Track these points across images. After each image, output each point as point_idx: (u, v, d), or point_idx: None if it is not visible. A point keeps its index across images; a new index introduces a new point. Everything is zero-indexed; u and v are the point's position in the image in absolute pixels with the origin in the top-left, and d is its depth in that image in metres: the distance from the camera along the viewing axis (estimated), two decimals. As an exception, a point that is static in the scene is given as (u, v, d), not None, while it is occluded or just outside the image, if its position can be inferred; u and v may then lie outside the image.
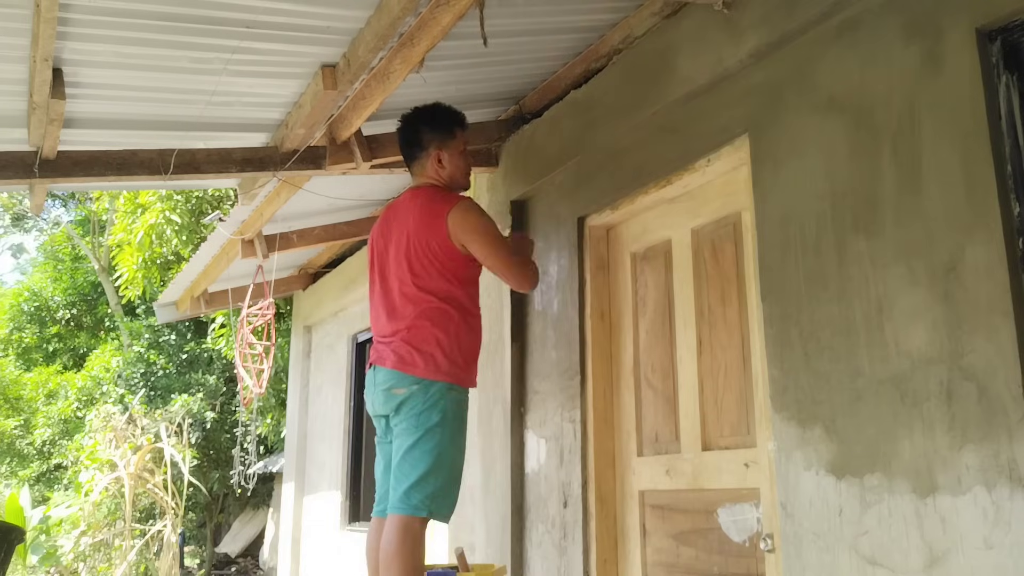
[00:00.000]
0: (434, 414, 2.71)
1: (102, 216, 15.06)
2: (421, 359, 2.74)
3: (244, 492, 9.59)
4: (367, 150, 3.47)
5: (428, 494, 2.65)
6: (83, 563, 7.66)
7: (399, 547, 2.61)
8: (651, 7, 2.91)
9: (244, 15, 2.52)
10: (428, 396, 2.72)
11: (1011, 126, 1.97)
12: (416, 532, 2.64)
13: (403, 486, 2.67)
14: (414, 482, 2.65)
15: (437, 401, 2.72)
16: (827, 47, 2.35)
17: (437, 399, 2.72)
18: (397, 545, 2.61)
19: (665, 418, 3.02)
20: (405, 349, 2.77)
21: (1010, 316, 1.84)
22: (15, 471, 14.24)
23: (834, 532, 2.16)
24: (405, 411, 2.74)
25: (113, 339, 14.65)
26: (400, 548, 2.60)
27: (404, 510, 2.64)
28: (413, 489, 2.65)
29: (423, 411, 2.71)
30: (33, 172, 3.13)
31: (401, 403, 2.74)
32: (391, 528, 2.65)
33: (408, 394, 2.73)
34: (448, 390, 2.75)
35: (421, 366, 2.74)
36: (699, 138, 2.78)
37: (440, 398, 2.73)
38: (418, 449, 2.68)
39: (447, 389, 2.75)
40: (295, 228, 4.95)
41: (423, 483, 2.65)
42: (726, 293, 2.83)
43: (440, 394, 2.73)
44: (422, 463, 2.66)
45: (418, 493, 2.64)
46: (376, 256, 2.98)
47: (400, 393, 2.74)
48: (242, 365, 5.81)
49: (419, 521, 2.65)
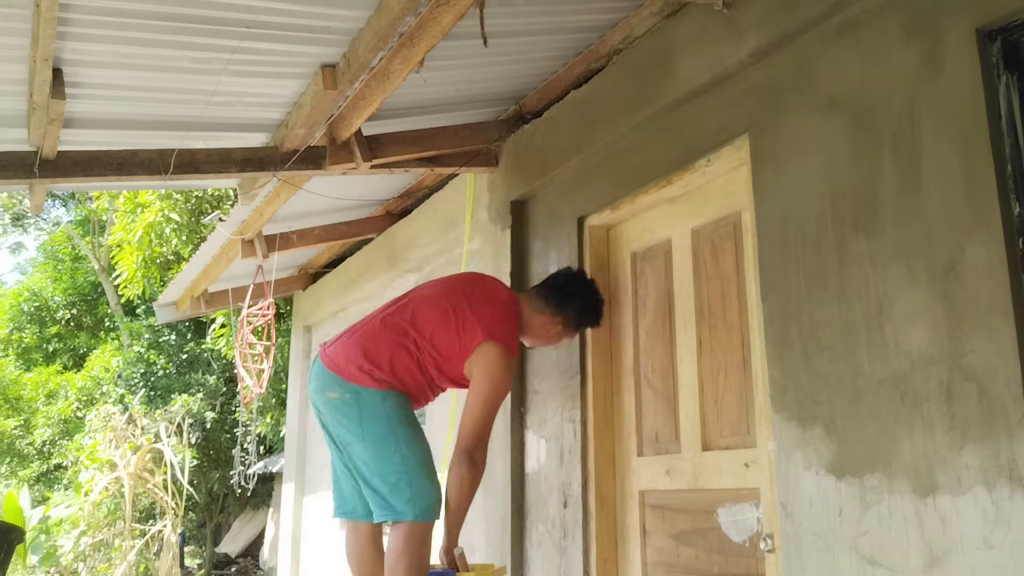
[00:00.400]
0: (378, 422, 2.66)
1: (102, 216, 15.07)
2: (355, 367, 2.71)
3: (244, 492, 9.59)
4: (367, 150, 3.47)
5: (408, 498, 2.62)
6: (83, 563, 7.66)
7: (403, 551, 2.59)
8: (651, 7, 2.91)
9: (244, 15, 2.52)
10: (363, 404, 2.68)
11: (1011, 126, 1.97)
12: (421, 535, 2.62)
13: (381, 495, 2.64)
14: (390, 490, 2.62)
15: (374, 408, 2.67)
16: (827, 47, 2.35)
17: (374, 407, 2.68)
18: (401, 548, 2.59)
19: (665, 418, 3.02)
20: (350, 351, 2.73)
21: (1010, 316, 1.84)
22: (15, 471, 14.25)
23: (834, 532, 2.16)
24: (344, 417, 2.69)
25: (113, 339, 14.65)
26: (405, 552, 2.58)
27: (400, 517, 2.62)
28: (393, 497, 2.62)
29: (363, 419, 2.66)
30: (33, 172, 3.13)
31: (336, 407, 2.71)
32: (394, 536, 2.63)
33: (341, 400, 2.70)
34: (384, 397, 2.70)
35: (354, 373, 2.70)
36: (699, 138, 2.78)
37: (376, 406, 2.68)
38: (377, 459, 2.64)
39: (383, 397, 2.70)
40: (295, 228, 4.95)
41: (399, 490, 2.62)
42: (726, 293, 2.83)
43: (376, 401, 2.68)
44: (388, 470, 2.63)
45: (399, 499, 2.62)
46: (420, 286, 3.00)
47: (333, 397, 2.71)
48: (242, 365, 5.81)
49: (420, 526, 2.63)
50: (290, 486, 6.83)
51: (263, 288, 5.60)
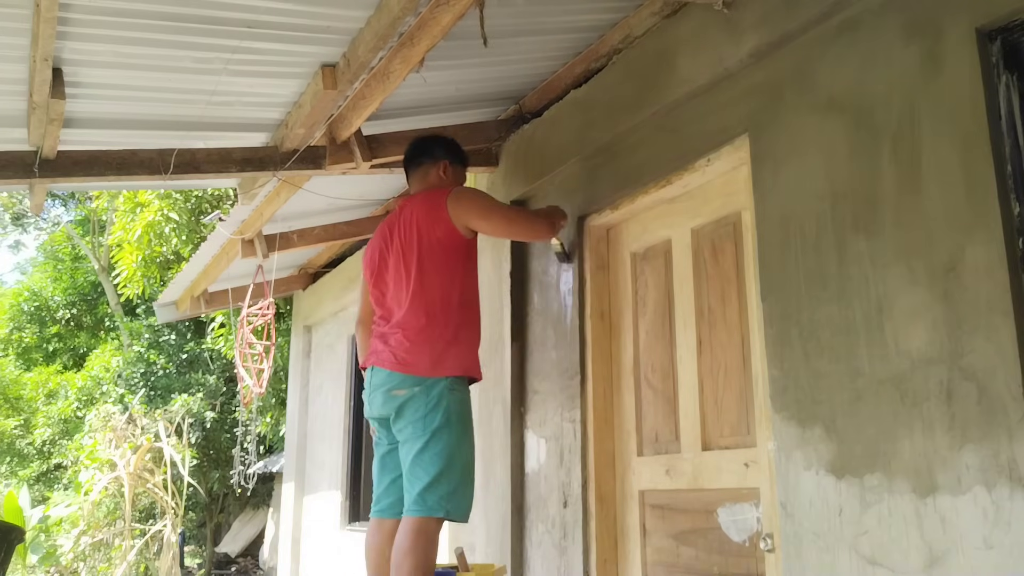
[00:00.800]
0: (438, 415, 2.69)
1: (102, 216, 15.07)
2: (422, 358, 2.74)
3: (244, 492, 9.59)
4: (367, 150, 3.47)
5: (443, 495, 2.64)
6: (83, 563, 7.66)
7: (412, 546, 2.59)
8: (651, 7, 2.91)
9: (244, 15, 2.52)
10: (430, 397, 2.71)
11: (1011, 126, 1.97)
12: (430, 533, 2.63)
13: (416, 488, 2.66)
14: (428, 483, 2.64)
15: (439, 401, 2.71)
16: (827, 47, 2.35)
17: (439, 399, 2.71)
18: (411, 544, 2.59)
19: (665, 418, 3.02)
20: (405, 348, 2.76)
21: (1010, 316, 1.84)
22: (15, 471, 14.25)
23: (834, 532, 2.16)
24: (409, 414, 2.72)
25: (113, 339, 14.65)
26: (414, 547, 2.59)
27: (420, 511, 2.63)
28: (427, 491, 2.63)
29: (427, 413, 2.69)
30: (33, 172, 3.13)
31: (403, 405, 2.73)
32: (405, 529, 2.63)
33: (410, 395, 2.72)
34: (450, 389, 2.74)
35: (423, 365, 2.73)
36: (699, 138, 2.78)
37: (442, 398, 2.71)
38: (428, 452, 2.67)
39: (449, 388, 2.73)
40: (295, 228, 4.95)
41: (437, 484, 2.64)
42: (726, 293, 2.83)
43: (442, 394, 2.72)
44: (433, 466, 2.65)
45: (433, 494, 2.63)
46: (376, 261, 2.98)
47: (401, 395, 2.73)
48: (242, 365, 5.81)
49: (434, 522, 2.64)
50: (290, 486, 6.83)
51: (263, 288, 5.60)
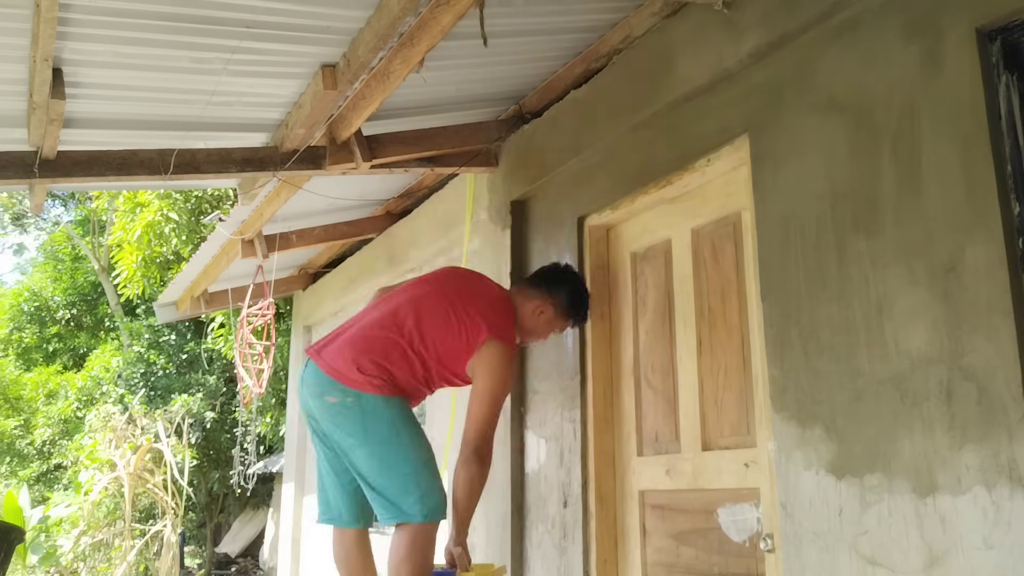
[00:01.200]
0: (381, 425, 2.61)
1: (102, 216, 15.07)
2: (356, 371, 2.63)
3: (244, 492, 9.59)
4: (367, 150, 3.47)
5: (417, 499, 2.58)
6: (83, 563, 7.66)
7: (408, 553, 2.55)
8: (651, 7, 2.91)
9: (244, 15, 2.52)
10: (365, 409, 2.61)
11: (1011, 126, 1.97)
12: (426, 537, 2.59)
13: (388, 500, 2.59)
14: (397, 494, 2.58)
15: (377, 411, 2.62)
16: (827, 47, 2.35)
17: (377, 410, 2.62)
18: (407, 551, 2.55)
19: (665, 418, 3.02)
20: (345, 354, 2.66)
21: (1010, 316, 1.84)
22: (15, 471, 14.25)
23: (834, 532, 2.16)
24: (346, 423, 2.62)
25: (113, 339, 14.66)
26: (409, 555, 2.55)
27: (404, 519, 2.58)
28: (400, 500, 2.58)
29: (367, 423, 2.60)
30: (33, 172, 3.13)
31: (337, 413, 2.64)
32: (398, 537, 2.59)
33: (342, 404, 2.62)
34: (386, 401, 2.64)
35: (358, 380, 2.62)
36: (699, 138, 2.78)
37: (379, 407, 2.62)
38: (382, 464, 2.59)
39: (385, 402, 2.64)
40: (295, 228, 4.95)
41: (407, 492, 2.58)
42: (726, 293, 2.83)
43: (379, 404, 2.62)
44: (394, 474, 2.59)
45: (407, 501, 2.58)
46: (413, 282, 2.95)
47: (333, 402, 2.64)
48: (242, 365, 5.81)
49: (425, 526, 2.59)
50: (290, 486, 6.83)
51: (263, 288, 5.60)
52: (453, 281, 2.94)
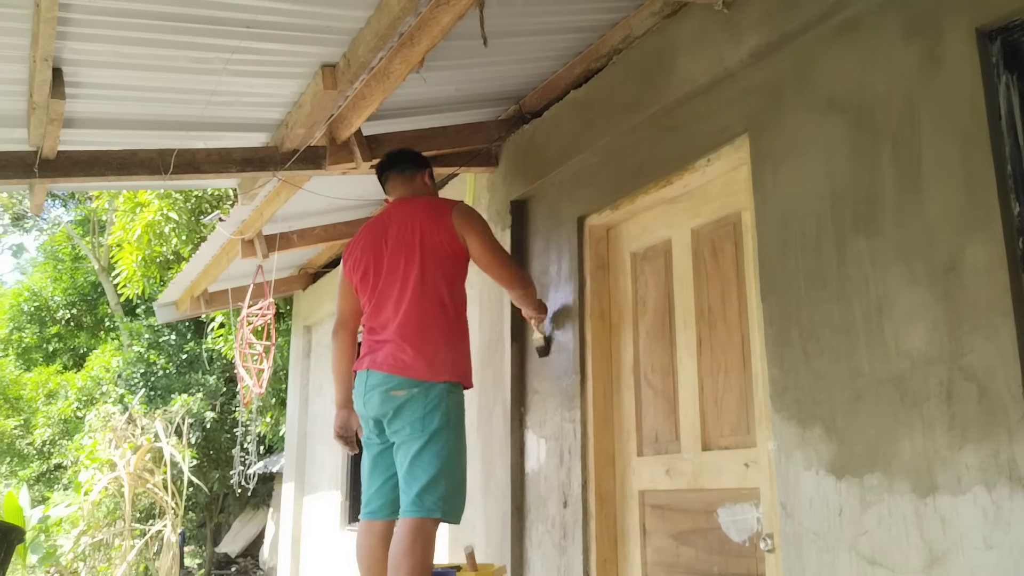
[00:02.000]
0: (437, 417, 2.71)
1: (102, 216, 15.07)
2: (422, 361, 2.75)
3: (244, 492, 9.59)
4: (367, 150, 3.47)
5: (440, 496, 2.66)
6: (83, 563, 7.66)
7: (410, 548, 2.60)
8: (651, 7, 2.91)
9: (244, 15, 2.52)
10: (429, 399, 2.72)
11: (1011, 126, 1.97)
12: (428, 534, 2.64)
13: (414, 490, 2.67)
14: (425, 485, 2.65)
15: (439, 404, 2.73)
16: (827, 47, 2.35)
17: (438, 401, 2.73)
18: (409, 546, 2.60)
19: (665, 418, 3.02)
20: (404, 350, 2.77)
21: (1010, 316, 1.84)
22: (15, 471, 14.25)
23: (834, 532, 2.16)
24: (406, 415, 2.73)
25: (113, 339, 14.65)
26: (411, 549, 2.60)
27: (417, 512, 2.64)
28: (425, 492, 2.65)
29: (426, 414, 2.71)
30: (33, 172, 3.13)
31: (400, 406, 2.73)
32: (403, 530, 2.64)
33: (408, 397, 2.73)
34: (448, 392, 2.76)
35: (422, 368, 2.74)
36: (699, 138, 2.78)
37: (441, 400, 2.73)
38: (426, 452, 2.68)
39: (447, 391, 2.76)
40: (295, 228, 4.95)
41: (434, 486, 2.66)
42: (726, 293, 2.83)
43: (441, 396, 2.74)
44: (432, 466, 2.67)
45: (430, 496, 2.65)
46: (369, 262, 2.98)
47: (399, 395, 2.73)
48: (242, 365, 5.81)
49: (431, 523, 2.65)
50: (290, 486, 6.83)
51: (263, 288, 5.60)
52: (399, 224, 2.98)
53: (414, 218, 2.93)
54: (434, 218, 2.92)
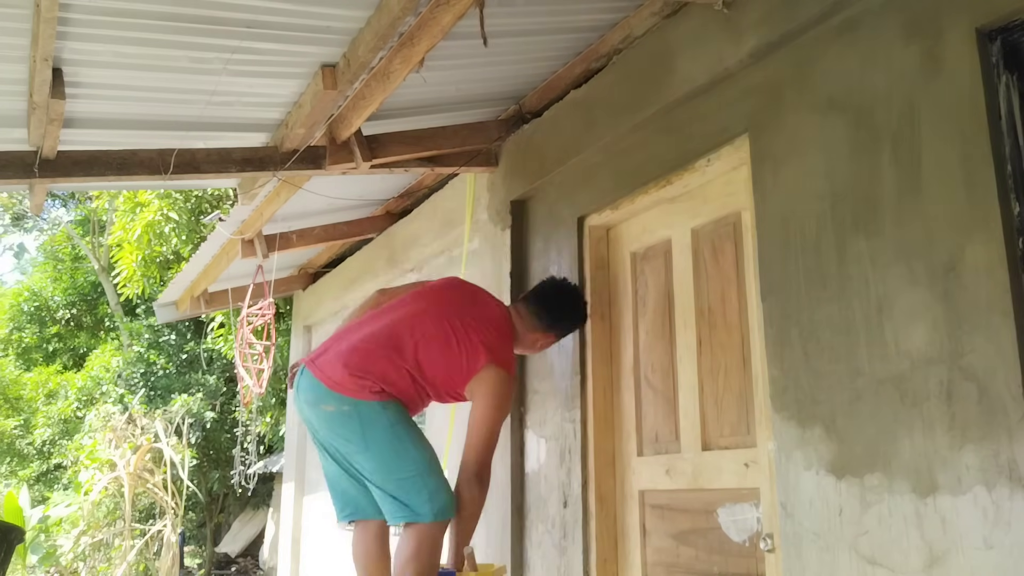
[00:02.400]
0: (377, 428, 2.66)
1: (102, 216, 15.07)
2: (349, 382, 2.67)
3: (244, 492, 9.59)
4: (367, 150, 3.47)
5: (426, 499, 2.63)
6: (83, 563, 7.66)
7: (415, 552, 2.59)
8: (651, 7, 2.91)
9: (244, 15, 2.52)
10: (363, 415, 2.66)
11: (1011, 126, 1.97)
12: (434, 536, 2.63)
13: (396, 501, 2.64)
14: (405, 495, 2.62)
15: (375, 417, 2.66)
16: (827, 47, 2.35)
17: (374, 415, 2.66)
18: (414, 551, 2.59)
19: (665, 418, 3.02)
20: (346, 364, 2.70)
21: (1010, 316, 1.84)
22: (15, 471, 14.24)
23: (834, 532, 2.16)
24: (345, 430, 2.67)
25: (113, 339, 14.65)
26: (416, 553, 2.59)
27: (412, 518, 2.62)
28: (409, 500, 2.63)
29: (364, 430, 2.65)
30: (33, 172, 3.13)
31: (333, 420, 2.68)
32: (407, 536, 2.63)
33: (339, 412, 2.67)
34: (384, 407, 2.69)
35: (354, 388, 2.67)
36: (699, 138, 2.78)
37: (376, 413, 2.67)
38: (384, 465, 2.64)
39: (382, 406, 2.69)
40: (295, 228, 4.95)
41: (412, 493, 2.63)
42: (726, 293, 2.83)
43: (376, 409, 2.67)
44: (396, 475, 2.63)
45: (416, 500, 2.62)
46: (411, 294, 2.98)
47: (330, 410, 2.68)
48: (242, 365, 5.82)
49: (432, 526, 2.63)
50: (290, 486, 6.83)
51: (263, 288, 5.60)
52: (453, 298, 2.95)
53: (474, 317, 2.82)
54: (478, 343, 2.76)
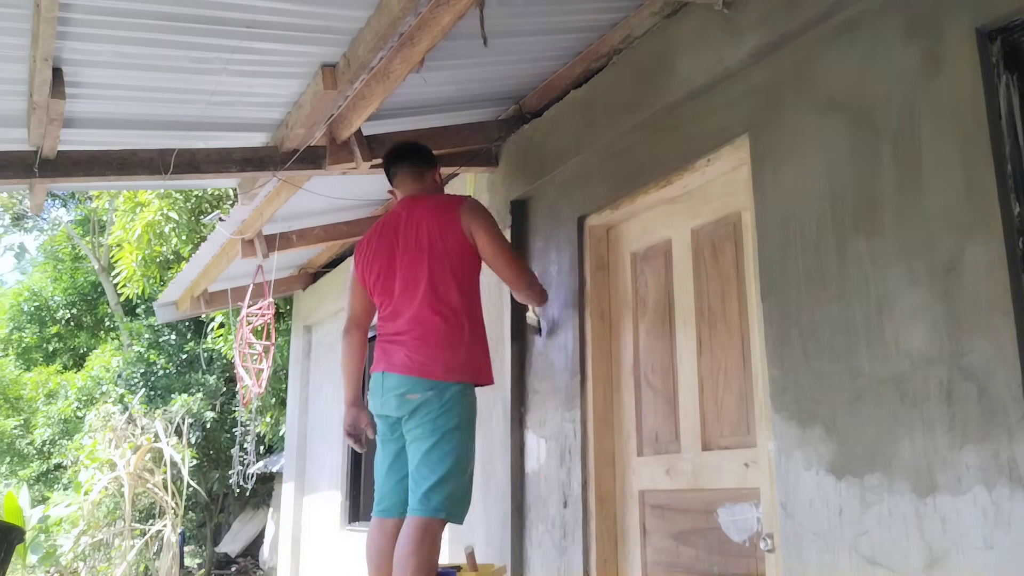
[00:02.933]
0: (451, 417, 2.75)
1: (102, 216, 15.07)
2: (437, 363, 2.79)
3: (244, 492, 9.59)
4: (367, 150, 3.47)
5: (446, 496, 2.69)
6: (83, 563, 7.66)
7: (417, 547, 2.63)
8: (651, 7, 2.91)
9: (244, 15, 2.52)
10: (444, 400, 2.76)
11: (1011, 126, 1.97)
12: (434, 533, 2.68)
13: (422, 488, 2.70)
14: (434, 484, 2.69)
15: (453, 405, 2.77)
16: (827, 47, 2.35)
17: (453, 403, 2.77)
18: (415, 545, 2.63)
19: (665, 418, 3.02)
20: (419, 352, 2.81)
21: (1010, 316, 1.84)
22: (15, 471, 14.25)
23: (834, 532, 2.16)
24: (421, 415, 2.77)
25: (113, 339, 14.65)
26: (418, 548, 2.63)
27: (424, 512, 2.68)
28: (433, 491, 2.68)
29: (440, 415, 2.75)
30: (33, 172, 3.13)
31: (416, 408, 2.77)
32: (410, 529, 2.67)
33: (423, 399, 2.77)
34: (462, 393, 2.80)
35: (438, 370, 2.78)
36: (699, 138, 2.78)
37: (456, 402, 2.77)
38: (437, 451, 2.72)
39: (461, 392, 2.80)
40: (295, 228, 4.95)
41: (442, 485, 2.69)
42: (726, 293, 2.83)
43: (456, 397, 2.78)
44: (441, 465, 2.70)
45: (438, 495, 2.68)
46: (383, 265, 2.99)
47: (415, 398, 2.78)
48: (242, 365, 5.82)
49: (438, 523, 2.69)
50: (290, 486, 6.83)
51: (263, 288, 5.60)
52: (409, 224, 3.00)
53: (425, 219, 2.95)
54: (443, 218, 2.93)
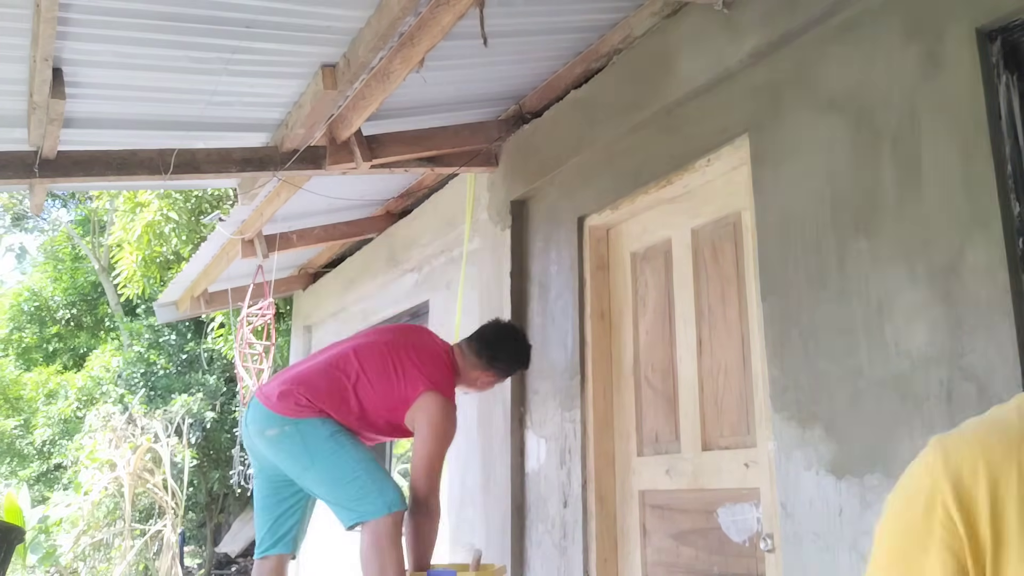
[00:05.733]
0: (323, 441, 2.78)
1: (102, 216, 15.06)
2: (290, 404, 2.81)
3: (244, 492, 9.59)
4: (367, 150, 3.47)
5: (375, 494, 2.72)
6: (83, 563, 7.66)
7: (372, 550, 2.69)
8: (651, 7, 2.91)
9: (244, 15, 2.52)
10: (303, 432, 2.78)
11: (1011, 126, 1.97)
12: (388, 530, 2.70)
13: (338, 505, 2.76)
14: (344, 497, 2.74)
15: (314, 430, 2.79)
16: (827, 47, 2.35)
17: (308, 431, 2.79)
18: (369, 548, 2.69)
19: (665, 418, 3.02)
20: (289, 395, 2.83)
21: (1010, 316, 1.84)
22: (15, 471, 14.24)
23: (834, 532, 2.16)
24: (288, 449, 2.81)
25: (113, 339, 14.64)
26: (373, 551, 2.68)
27: (368, 515, 2.71)
28: (350, 502, 2.74)
29: (306, 444, 2.78)
30: (33, 172, 3.13)
31: (279, 443, 2.81)
32: (364, 535, 2.73)
33: (280, 434, 2.80)
34: (322, 421, 2.81)
35: (294, 409, 2.81)
36: (699, 138, 2.78)
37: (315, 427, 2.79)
38: (323, 473, 2.77)
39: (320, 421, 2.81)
40: (295, 228, 4.95)
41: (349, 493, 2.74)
42: (726, 293, 2.82)
43: (314, 425, 2.79)
44: (337, 481, 2.75)
45: (356, 502, 2.73)
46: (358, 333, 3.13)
47: (273, 434, 2.81)
48: (242, 365, 5.82)
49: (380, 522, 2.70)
50: (290, 486, 6.82)
51: (263, 288, 5.61)
52: (396, 334, 3.11)
53: (403, 351, 2.93)
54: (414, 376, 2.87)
